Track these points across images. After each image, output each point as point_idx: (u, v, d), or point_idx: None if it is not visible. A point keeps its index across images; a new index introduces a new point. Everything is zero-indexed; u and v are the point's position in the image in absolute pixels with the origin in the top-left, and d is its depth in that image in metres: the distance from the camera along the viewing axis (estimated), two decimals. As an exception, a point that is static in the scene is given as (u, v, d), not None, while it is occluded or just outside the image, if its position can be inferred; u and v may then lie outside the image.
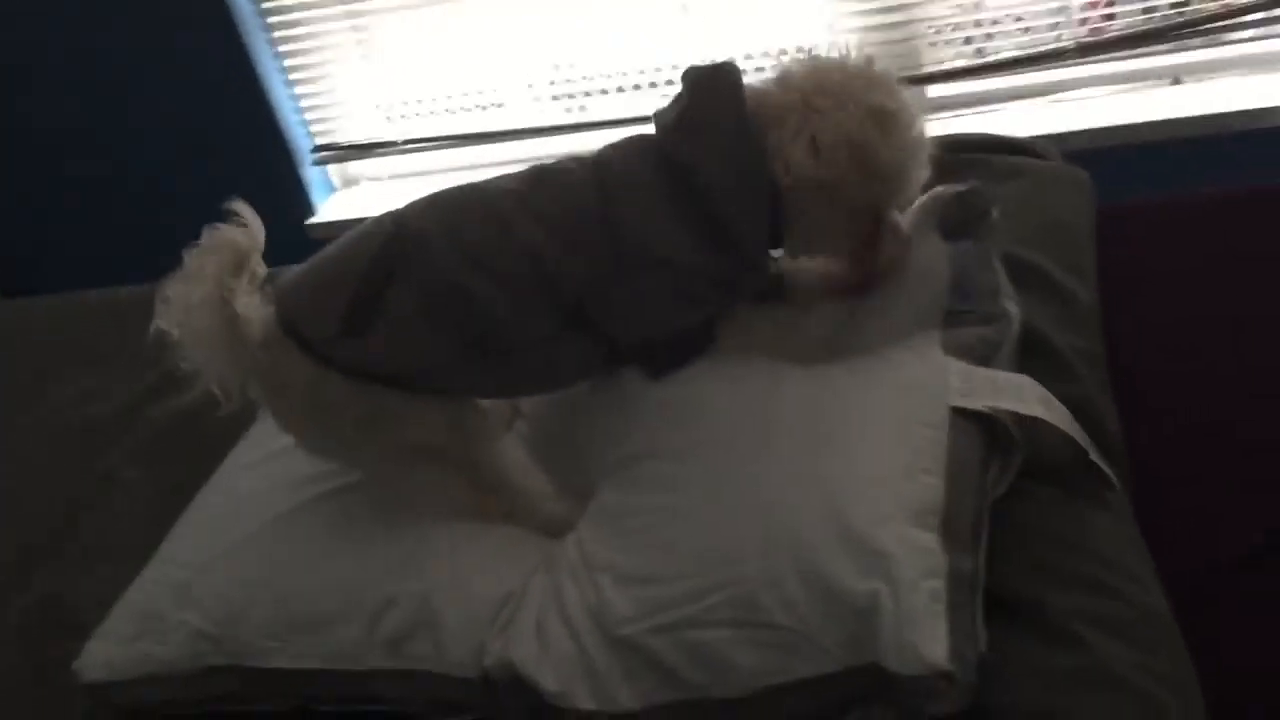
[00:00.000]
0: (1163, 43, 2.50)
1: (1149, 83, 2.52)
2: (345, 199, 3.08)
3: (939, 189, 1.42)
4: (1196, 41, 2.52)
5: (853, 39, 2.57)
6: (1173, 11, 2.47)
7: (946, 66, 2.60)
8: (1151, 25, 2.47)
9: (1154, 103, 2.46)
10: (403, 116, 2.95)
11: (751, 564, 1.06)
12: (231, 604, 1.26)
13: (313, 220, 3.01)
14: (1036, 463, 1.18)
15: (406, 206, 1.35)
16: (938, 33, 2.56)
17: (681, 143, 1.29)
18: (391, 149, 2.96)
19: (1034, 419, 1.17)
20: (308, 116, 2.98)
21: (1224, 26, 2.51)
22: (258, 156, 2.96)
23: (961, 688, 0.96)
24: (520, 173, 1.35)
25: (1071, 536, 1.13)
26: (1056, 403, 1.20)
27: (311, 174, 3.03)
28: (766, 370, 1.27)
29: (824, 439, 1.15)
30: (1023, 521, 1.15)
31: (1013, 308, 1.33)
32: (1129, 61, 2.53)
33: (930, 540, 1.03)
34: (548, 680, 1.11)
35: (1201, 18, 2.47)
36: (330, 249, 1.33)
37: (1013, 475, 1.17)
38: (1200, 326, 1.47)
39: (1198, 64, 2.51)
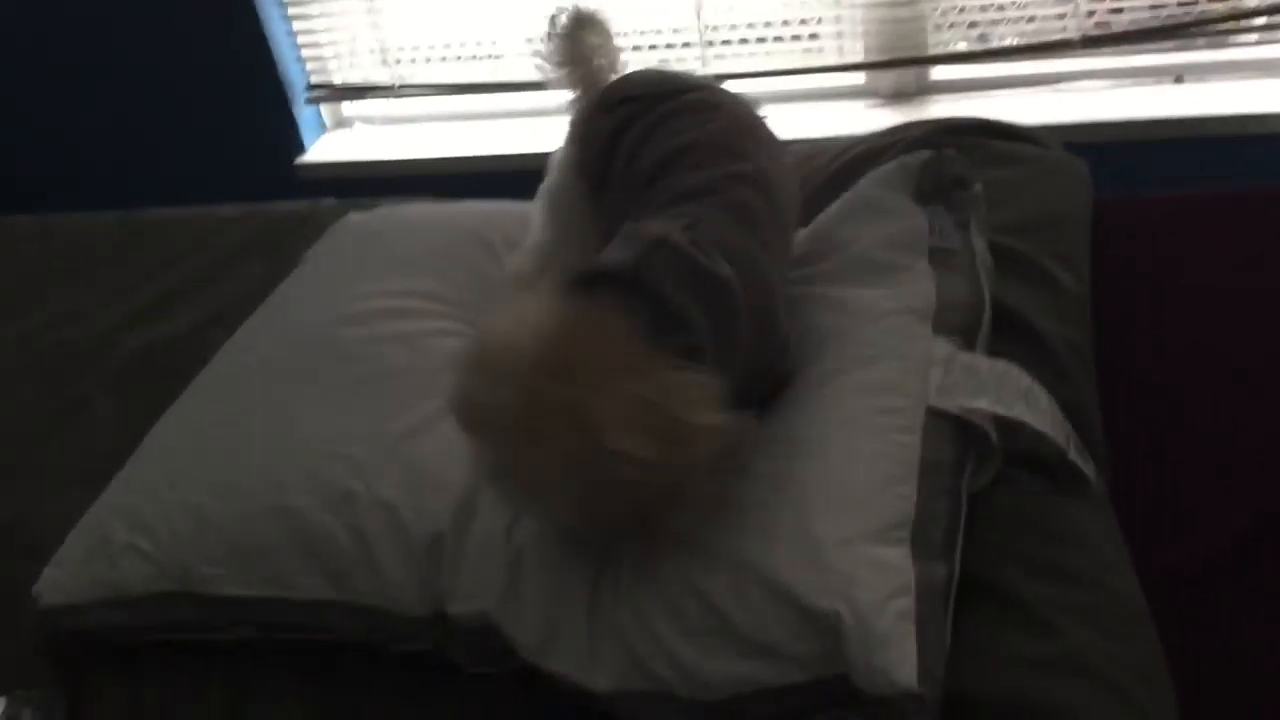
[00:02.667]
0: (1168, 40, 2.49)
1: (1152, 80, 2.51)
2: (337, 140, 3.05)
3: (906, 156, 1.41)
4: (1201, 42, 2.52)
5: (858, 15, 2.55)
6: (1180, 10, 2.46)
7: (950, 50, 2.58)
8: (1157, 22, 2.47)
9: (1156, 100, 2.45)
10: (398, 61, 2.92)
11: (721, 577, 1.05)
12: (176, 530, 1.27)
13: (302, 159, 2.98)
14: (1016, 450, 1.17)
15: None
16: (943, 15, 2.54)
17: None
18: (387, 93, 2.93)
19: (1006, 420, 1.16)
20: (304, 54, 2.95)
21: (1230, 29, 2.52)
22: (251, 91, 2.93)
23: (930, 707, 0.95)
24: None
25: (1049, 524, 1.12)
26: (1040, 392, 1.19)
27: (305, 113, 3.00)
28: None
29: (799, 449, 1.13)
30: (1000, 507, 1.14)
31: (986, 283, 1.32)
32: (1133, 57, 2.52)
33: (898, 555, 1.02)
34: (524, 635, 1.11)
35: (1208, 18, 2.47)
36: None
37: (993, 470, 1.16)
38: (1194, 320, 1.47)
39: (1202, 64, 2.50)
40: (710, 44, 2.67)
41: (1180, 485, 1.27)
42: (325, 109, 3.06)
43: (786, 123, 2.50)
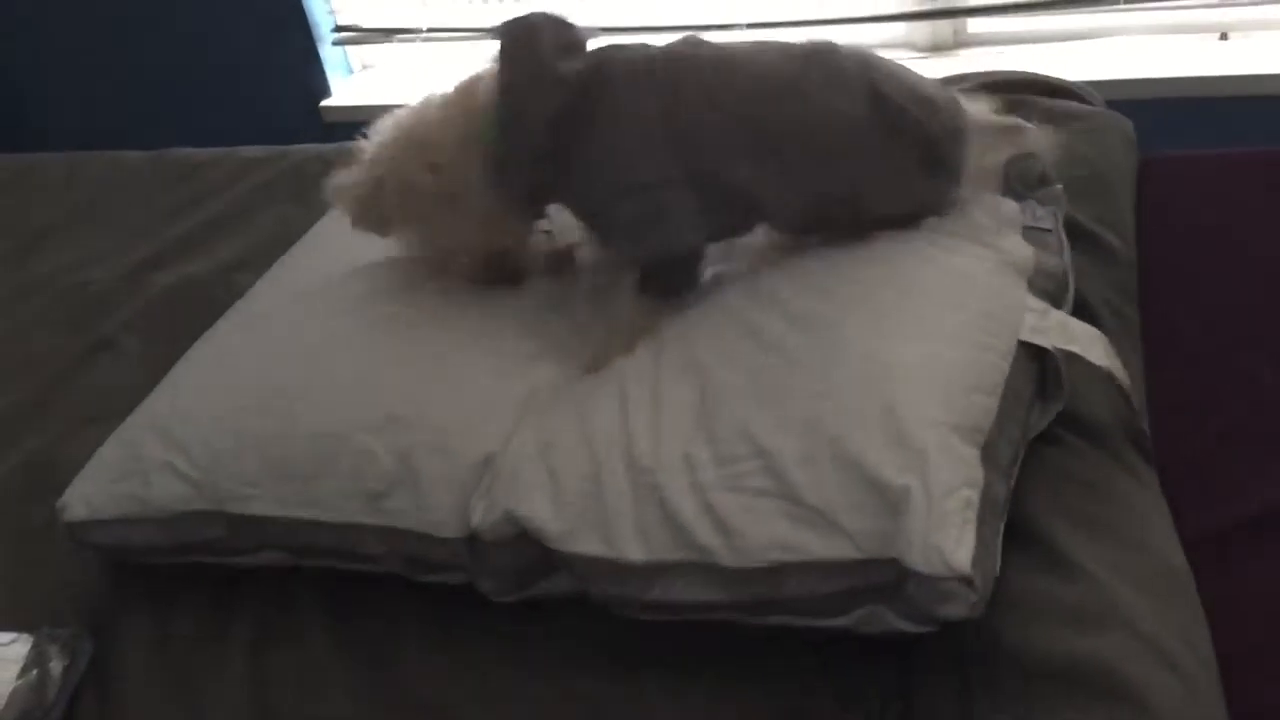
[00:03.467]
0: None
1: (1196, 35, 2.46)
2: (362, 82, 3.02)
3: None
4: (1248, -2, 2.46)
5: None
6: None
7: (990, 2, 2.53)
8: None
9: (1200, 57, 2.40)
10: (426, 3, 2.88)
11: (791, 439, 1.06)
12: (213, 448, 1.25)
13: (328, 102, 2.95)
14: (1073, 416, 1.17)
15: None
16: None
17: None
18: (415, 35, 2.90)
19: (1088, 364, 1.16)
20: (331, -8, 2.92)
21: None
22: (277, 32, 2.91)
23: (978, 595, 0.96)
24: None
25: (1097, 485, 1.12)
26: (1120, 366, 1.19)
27: (330, 54, 2.97)
28: (867, 246, 1.26)
29: (896, 332, 1.14)
30: (1052, 464, 1.14)
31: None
32: (1176, 13, 2.46)
33: (972, 455, 1.03)
34: (552, 521, 1.10)
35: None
36: None
37: (1049, 420, 1.17)
38: (1236, 283, 1.44)
39: (1247, 21, 2.44)
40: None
41: (1217, 452, 1.25)
42: (353, 52, 3.02)
43: None
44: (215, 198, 2.03)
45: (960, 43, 2.60)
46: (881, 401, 1.06)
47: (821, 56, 1.27)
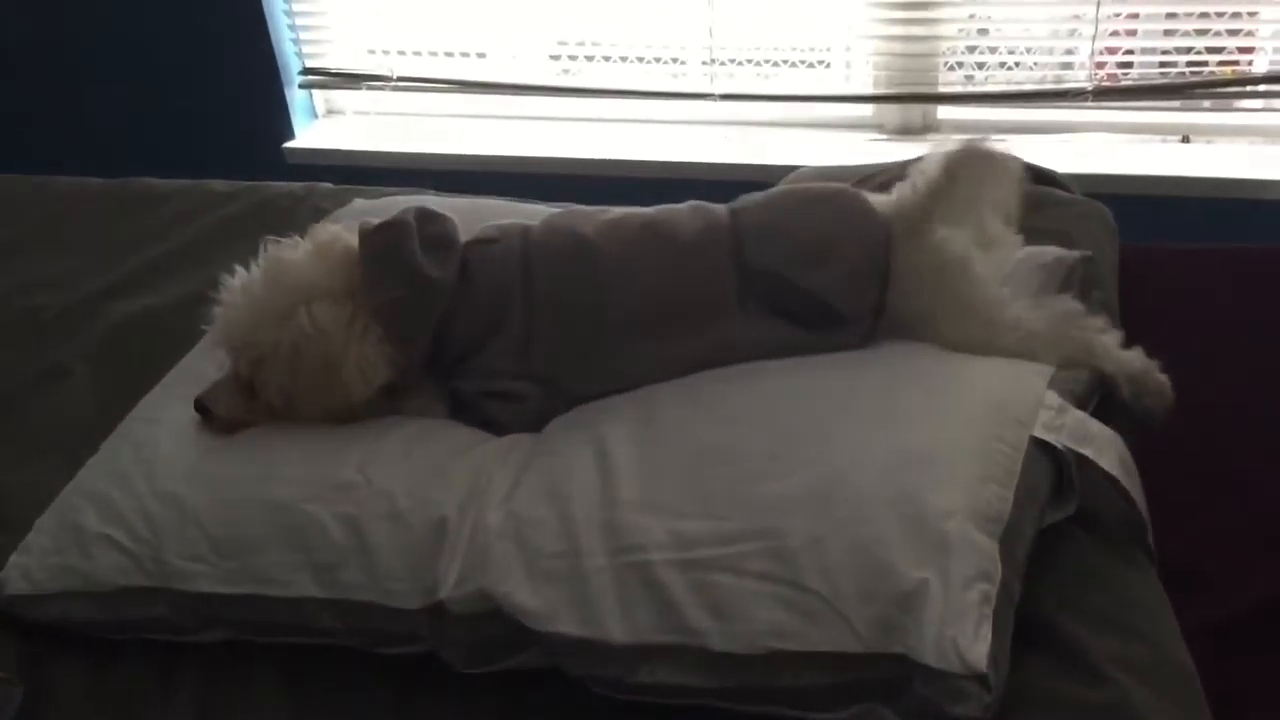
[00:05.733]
0: (1175, 99, 2.49)
1: (1159, 137, 2.52)
2: (327, 128, 2.99)
3: (1054, 250, 1.42)
4: (1208, 103, 2.52)
5: (872, 46, 2.54)
6: (1188, 70, 2.47)
7: (961, 90, 2.57)
8: (1165, 80, 2.47)
9: (1162, 157, 2.45)
10: (400, 53, 2.86)
11: (798, 520, 1.03)
12: (154, 521, 1.21)
13: (291, 144, 2.91)
14: (1080, 508, 1.16)
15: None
16: (952, 54, 2.54)
17: None
18: (383, 83, 2.87)
19: (1102, 473, 1.15)
20: (301, 37, 2.89)
21: (1236, 93, 2.52)
22: (244, 70, 2.87)
23: (991, 696, 0.93)
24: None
25: (1106, 580, 1.11)
26: (1133, 468, 1.18)
27: (296, 96, 2.94)
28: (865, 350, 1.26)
29: (905, 420, 1.13)
30: (1063, 558, 1.13)
31: None
32: (1140, 113, 2.52)
33: (991, 547, 1.01)
34: (530, 600, 1.06)
35: (1214, 80, 2.47)
36: None
37: (1060, 517, 1.15)
38: (1210, 374, 1.45)
39: (1208, 126, 2.50)
40: (719, 63, 2.64)
41: (1204, 545, 1.25)
42: (319, 97, 2.99)
43: (789, 149, 2.54)
44: (179, 229, 1.98)
45: (929, 127, 2.64)
46: (897, 486, 1.04)
47: (689, 228, 1.29)
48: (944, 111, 2.63)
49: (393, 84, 2.87)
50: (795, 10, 2.56)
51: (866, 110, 2.66)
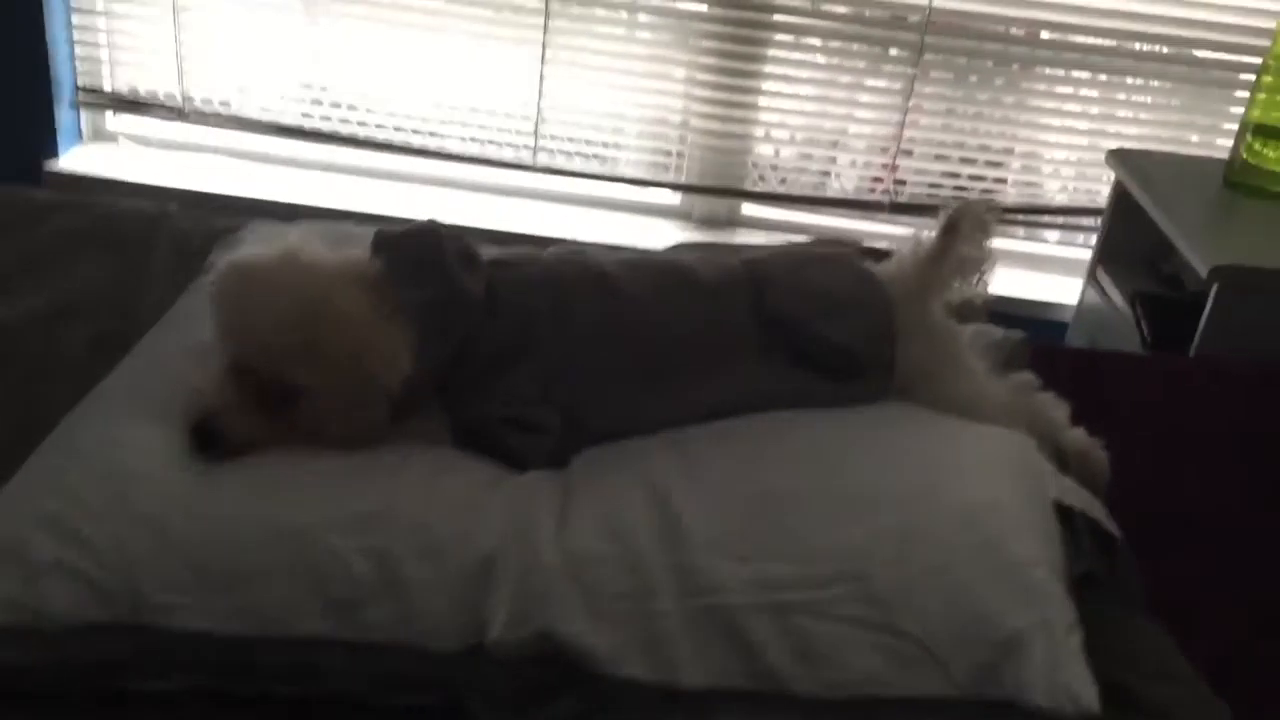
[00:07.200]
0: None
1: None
2: (95, 153, 2.75)
3: (998, 329, 1.51)
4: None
5: (695, 124, 2.64)
6: (952, 195, 2.72)
7: (766, 190, 2.72)
8: (932, 201, 2.71)
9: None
10: (190, 100, 2.69)
11: (887, 565, 1.03)
12: (126, 548, 1.04)
13: (54, 167, 2.66)
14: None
15: None
16: (761, 159, 2.68)
17: None
18: (159, 113, 2.70)
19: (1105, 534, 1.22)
20: (78, 53, 2.66)
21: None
22: (14, 81, 2.60)
23: None
24: None
25: (1128, 632, 1.17)
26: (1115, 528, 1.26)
27: (66, 116, 2.69)
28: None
29: (957, 471, 1.16)
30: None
31: None
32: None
33: (1068, 595, 1.05)
34: (595, 641, 1.00)
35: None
36: None
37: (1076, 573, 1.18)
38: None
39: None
40: (541, 138, 2.66)
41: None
42: (89, 120, 2.76)
43: (596, 228, 2.58)
44: (8, 240, 1.76)
45: (733, 221, 2.76)
46: (980, 534, 1.06)
47: (708, 273, 1.31)
48: (748, 209, 2.77)
49: (166, 113, 2.69)
50: (623, 93, 2.63)
51: (675, 199, 2.76)
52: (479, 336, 1.22)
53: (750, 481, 1.14)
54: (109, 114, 2.77)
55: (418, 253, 1.23)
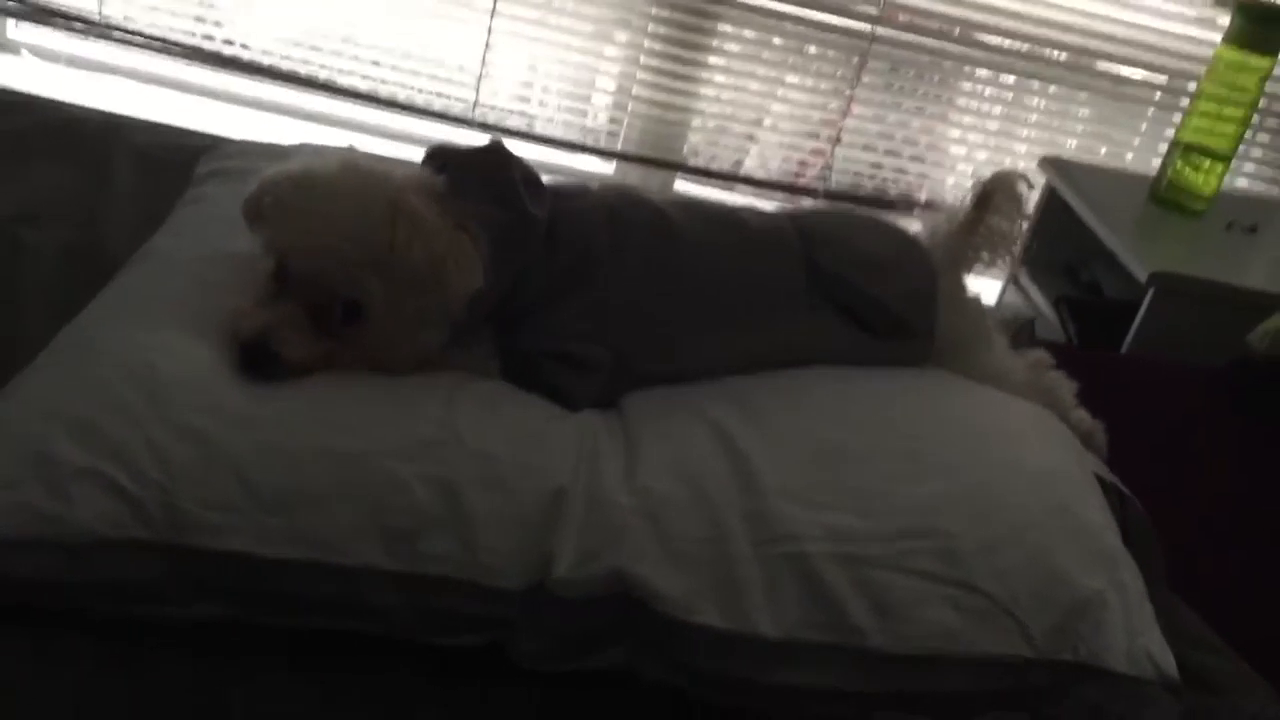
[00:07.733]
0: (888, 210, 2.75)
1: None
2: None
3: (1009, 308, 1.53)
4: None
5: (639, 93, 2.63)
6: (871, 194, 2.78)
7: (704, 166, 2.73)
8: (856, 192, 2.76)
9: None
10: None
11: (962, 523, 1.02)
12: (169, 459, 0.96)
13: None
14: None
15: None
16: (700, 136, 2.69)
17: None
18: (71, 25, 2.53)
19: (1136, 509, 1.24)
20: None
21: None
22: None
23: (1183, 706, 0.97)
24: None
25: (1160, 602, 1.16)
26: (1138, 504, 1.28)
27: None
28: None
29: (1018, 437, 1.17)
30: None
31: None
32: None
33: (1135, 564, 1.06)
34: (667, 585, 0.97)
35: (885, 201, 2.77)
36: None
37: None
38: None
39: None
40: (483, 94, 2.61)
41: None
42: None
43: None
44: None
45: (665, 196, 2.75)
46: (1054, 497, 1.07)
47: (758, 223, 1.30)
48: (680, 184, 2.76)
49: (96, 29, 2.53)
50: (570, 55, 2.60)
51: (609, 169, 2.74)
52: (534, 267, 1.17)
53: (812, 435, 1.12)
54: (11, 22, 2.60)
55: (485, 170, 1.17)
